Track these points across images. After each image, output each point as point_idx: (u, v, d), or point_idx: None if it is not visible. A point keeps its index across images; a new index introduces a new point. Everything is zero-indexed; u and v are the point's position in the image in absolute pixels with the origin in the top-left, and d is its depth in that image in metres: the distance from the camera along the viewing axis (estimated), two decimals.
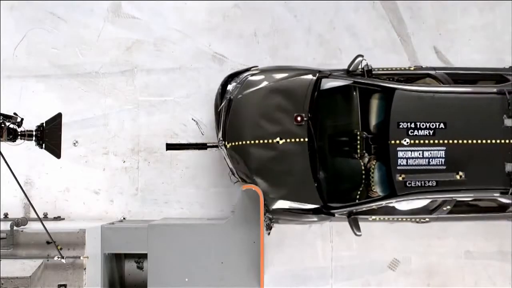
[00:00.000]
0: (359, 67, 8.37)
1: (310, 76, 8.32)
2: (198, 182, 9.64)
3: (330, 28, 9.73)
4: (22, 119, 7.95)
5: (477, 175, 8.02)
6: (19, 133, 7.86)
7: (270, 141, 8.20)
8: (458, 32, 9.64)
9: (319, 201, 8.19)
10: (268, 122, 8.25)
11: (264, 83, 8.41)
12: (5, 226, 8.37)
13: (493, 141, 8.04)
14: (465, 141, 8.04)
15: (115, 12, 9.84)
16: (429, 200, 8.18)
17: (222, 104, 8.53)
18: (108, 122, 9.75)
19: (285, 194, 8.25)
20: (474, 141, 8.04)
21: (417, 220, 8.48)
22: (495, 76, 8.49)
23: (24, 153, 9.24)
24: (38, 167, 9.68)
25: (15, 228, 8.37)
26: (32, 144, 7.87)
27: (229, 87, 8.57)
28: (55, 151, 8.31)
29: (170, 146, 9.59)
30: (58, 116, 8.43)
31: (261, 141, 8.22)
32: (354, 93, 8.38)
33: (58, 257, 7.80)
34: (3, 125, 7.70)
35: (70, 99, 9.74)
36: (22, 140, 7.90)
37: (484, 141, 8.04)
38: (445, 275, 9.50)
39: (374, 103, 8.40)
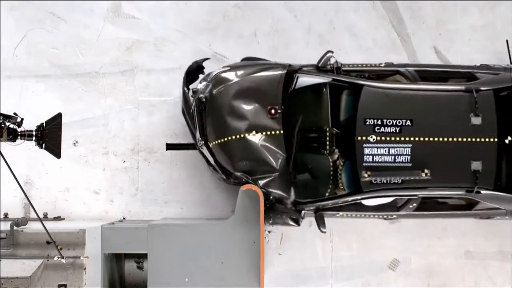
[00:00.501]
0: (329, 63, 8.36)
1: (280, 70, 8.34)
2: (198, 182, 9.63)
3: (330, 28, 9.73)
4: (22, 119, 7.95)
5: (443, 173, 8.00)
6: (19, 133, 7.86)
7: (246, 135, 8.20)
8: (458, 32, 9.65)
9: (291, 197, 8.25)
10: (243, 117, 8.25)
11: (235, 79, 8.41)
12: (5, 226, 8.37)
13: (460, 139, 8.02)
14: (431, 139, 8.02)
15: (115, 12, 9.84)
16: (394, 197, 8.16)
17: (193, 104, 8.50)
18: (108, 122, 9.75)
19: (267, 184, 8.25)
20: (441, 139, 8.01)
21: (385, 217, 8.46)
22: (467, 74, 8.46)
23: (24, 153, 9.24)
24: (38, 167, 9.68)
25: (15, 228, 8.37)
26: (32, 144, 7.87)
27: (199, 86, 8.54)
28: (55, 151, 8.31)
29: (170, 146, 9.59)
30: (58, 116, 8.42)
31: (238, 136, 8.22)
32: (324, 89, 8.35)
33: (58, 257, 7.80)
34: (3, 125, 7.70)
35: (70, 99, 9.75)
36: (22, 140, 7.89)
37: (450, 139, 8.02)
38: (445, 275, 9.50)
39: (343, 100, 8.37)
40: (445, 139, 8.02)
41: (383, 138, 8.01)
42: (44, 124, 8.26)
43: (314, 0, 9.77)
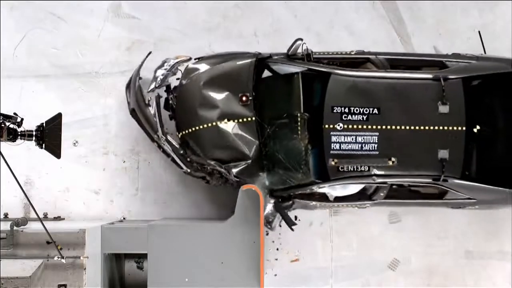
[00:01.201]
0: (299, 51, 8.33)
1: (250, 58, 8.35)
2: (198, 182, 9.63)
3: (330, 28, 9.73)
4: (22, 119, 7.95)
5: (410, 161, 8.00)
6: (19, 133, 7.86)
7: (218, 123, 8.21)
8: (458, 32, 9.64)
9: (265, 184, 8.28)
10: (214, 105, 8.25)
11: (206, 68, 8.43)
12: (5, 226, 8.37)
13: (427, 127, 8.01)
14: (398, 127, 8.01)
15: (115, 12, 9.85)
16: (362, 185, 8.16)
17: (151, 99, 8.50)
18: (108, 122, 9.75)
19: (240, 173, 8.27)
20: (408, 127, 8.01)
21: (357, 206, 8.46)
22: (437, 63, 8.42)
23: (24, 153, 9.24)
24: (38, 167, 9.68)
25: (15, 228, 8.37)
26: (32, 144, 7.87)
27: (158, 74, 8.56)
28: (55, 151, 8.31)
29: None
30: (58, 116, 8.42)
31: (210, 125, 8.22)
32: (296, 75, 8.31)
33: (58, 257, 7.79)
34: (3, 125, 7.70)
35: (70, 99, 9.75)
36: (22, 140, 7.90)
37: (417, 127, 8.01)
38: (445, 275, 9.50)
39: (313, 87, 8.35)
40: (412, 127, 8.01)
41: (350, 126, 8.00)
42: (44, 124, 8.27)
43: (314, 0, 9.77)
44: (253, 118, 8.16)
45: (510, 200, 8.25)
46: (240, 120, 8.20)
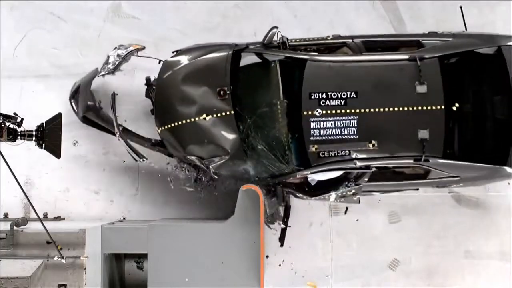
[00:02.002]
0: (274, 39, 8.30)
1: (226, 50, 8.32)
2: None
3: (330, 28, 9.73)
4: (22, 119, 7.96)
5: (390, 143, 7.98)
6: (19, 133, 7.87)
7: (197, 119, 8.19)
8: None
9: (251, 174, 8.26)
10: (192, 101, 8.24)
11: (183, 63, 8.41)
12: (5, 226, 8.37)
13: (405, 108, 7.96)
14: (377, 110, 7.98)
15: (115, 12, 9.85)
16: (343, 171, 8.11)
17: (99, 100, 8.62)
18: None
19: (220, 168, 8.26)
20: (386, 109, 7.97)
21: (344, 193, 8.41)
22: (414, 42, 8.36)
23: (24, 153, 9.24)
24: (38, 167, 9.68)
25: (15, 228, 8.37)
26: (32, 144, 7.88)
27: (110, 59, 8.69)
28: (55, 151, 8.31)
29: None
30: (58, 116, 8.43)
31: (188, 120, 8.21)
32: (273, 64, 8.30)
33: (58, 257, 7.80)
34: (3, 125, 7.71)
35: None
36: (22, 140, 7.90)
37: (396, 109, 7.97)
38: (445, 275, 9.50)
39: (291, 74, 8.32)
40: (391, 109, 7.97)
41: (328, 112, 7.98)
42: (44, 124, 8.27)
43: (314, 0, 9.77)
44: (232, 112, 8.12)
45: (493, 176, 8.23)
46: (219, 115, 8.16)
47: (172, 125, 8.29)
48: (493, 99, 8.16)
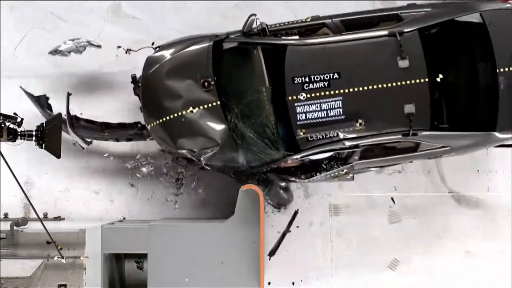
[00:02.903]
0: (254, 26, 8.29)
1: (207, 42, 8.32)
2: (198, 182, 9.64)
3: None
4: (22, 119, 7.96)
5: (377, 120, 7.96)
6: (19, 133, 7.87)
7: (184, 112, 8.20)
8: None
9: (243, 163, 8.26)
10: (178, 95, 8.24)
11: (165, 58, 8.42)
12: (5, 226, 8.38)
13: (389, 84, 7.94)
14: (361, 89, 7.97)
15: (115, 12, 9.85)
16: (333, 152, 8.12)
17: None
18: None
19: (211, 159, 8.26)
20: (370, 87, 7.96)
21: (337, 173, 8.43)
22: (393, 16, 8.31)
23: (24, 153, 9.23)
24: (38, 167, 9.68)
25: (15, 228, 8.38)
26: (32, 144, 7.88)
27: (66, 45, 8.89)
28: (55, 151, 8.31)
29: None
30: (58, 116, 8.44)
31: (176, 115, 8.22)
32: (255, 51, 8.29)
33: (58, 257, 7.80)
34: (3, 125, 7.71)
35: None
36: (22, 140, 7.90)
37: (380, 86, 7.95)
38: (445, 275, 9.50)
39: (274, 61, 8.27)
40: (375, 86, 7.96)
41: (313, 95, 7.98)
42: (44, 124, 8.27)
43: (314, 0, 9.76)
44: (218, 102, 8.13)
45: (484, 142, 8.21)
46: (205, 106, 8.16)
47: (161, 120, 8.30)
48: (477, 66, 8.12)
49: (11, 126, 7.75)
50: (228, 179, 8.97)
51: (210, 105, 8.15)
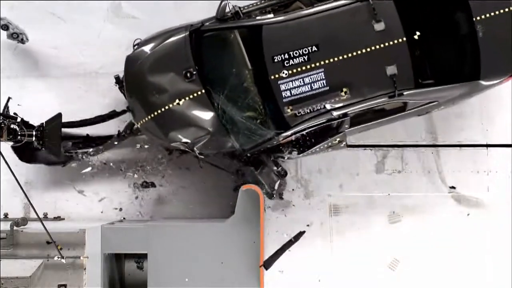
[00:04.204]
0: (227, 10, 8.31)
1: (183, 32, 8.35)
2: (198, 183, 9.64)
3: None
4: (22, 119, 7.97)
5: (361, 86, 8.01)
6: (19, 133, 7.88)
7: (171, 105, 8.22)
8: None
9: (236, 147, 8.27)
10: (162, 89, 8.27)
11: (145, 54, 8.45)
12: (5, 226, 8.37)
13: (368, 49, 7.99)
14: (340, 57, 8.00)
15: (115, 12, 9.85)
16: (322, 124, 8.14)
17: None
18: (107, 122, 9.73)
19: (204, 147, 8.28)
20: (350, 55, 7.99)
21: (330, 144, 8.46)
22: None
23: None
24: (38, 167, 9.67)
25: (15, 228, 8.38)
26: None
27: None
28: (55, 151, 8.32)
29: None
30: (58, 116, 8.44)
31: (163, 109, 8.25)
32: (233, 35, 8.32)
33: (58, 257, 7.81)
34: (3, 125, 7.72)
35: (70, 99, 9.74)
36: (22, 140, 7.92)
37: (359, 52, 7.99)
38: (445, 275, 9.49)
39: (252, 42, 8.30)
40: (354, 53, 8.00)
41: (294, 71, 8.01)
42: (44, 124, 8.28)
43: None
44: (202, 91, 8.16)
45: (470, 92, 8.27)
46: (191, 96, 8.19)
47: (149, 117, 8.33)
48: (453, 17, 8.18)
49: (11, 126, 7.76)
50: (227, 178, 9.00)
51: (195, 94, 8.18)
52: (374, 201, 9.58)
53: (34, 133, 8.07)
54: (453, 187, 9.49)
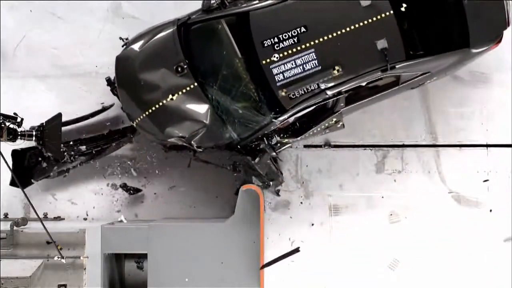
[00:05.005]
0: (213, 1, 8.32)
1: (170, 28, 8.37)
2: (198, 182, 9.64)
3: None
4: (22, 119, 7.97)
5: (353, 63, 8.05)
6: (19, 133, 7.88)
7: (164, 101, 8.23)
8: None
9: (234, 137, 8.27)
10: (155, 86, 8.28)
11: (134, 53, 8.47)
12: (5, 226, 8.39)
13: (357, 25, 8.01)
14: (330, 36, 8.03)
15: (115, 12, 9.85)
16: (318, 104, 8.15)
17: None
18: (107, 122, 9.75)
19: (201, 141, 8.28)
20: (339, 32, 8.02)
21: (328, 125, 8.47)
22: None
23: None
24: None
25: (15, 228, 8.39)
26: (31, 144, 7.89)
27: None
28: (55, 151, 8.33)
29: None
30: (58, 116, 8.45)
31: (157, 106, 8.25)
32: (220, 26, 8.32)
33: (58, 257, 7.81)
34: (3, 125, 7.72)
35: (70, 99, 9.74)
36: (22, 140, 7.92)
37: (348, 29, 8.02)
38: (445, 275, 9.49)
39: (241, 29, 8.30)
40: (343, 30, 8.03)
41: (285, 53, 8.04)
42: (44, 124, 8.28)
43: (314, 0, 9.75)
44: (195, 84, 8.18)
45: (461, 60, 8.33)
46: (184, 91, 8.20)
47: (144, 115, 8.34)
48: None
49: (11, 126, 7.76)
50: (227, 178, 9.00)
51: (188, 88, 8.20)
52: (374, 201, 9.57)
53: (34, 133, 8.07)
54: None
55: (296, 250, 9.38)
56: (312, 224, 9.57)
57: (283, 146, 8.84)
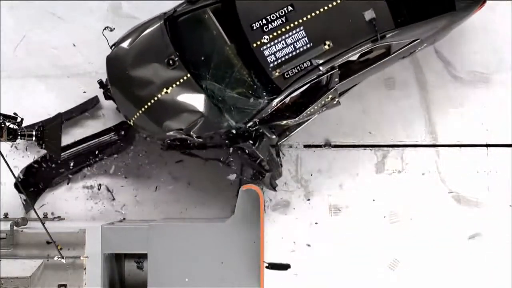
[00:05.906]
0: None
1: (158, 22, 8.41)
2: (198, 182, 9.64)
3: None
4: (22, 119, 7.97)
5: (343, 36, 8.11)
6: (19, 133, 7.88)
7: (159, 95, 8.23)
8: (458, 32, 9.62)
9: (233, 124, 8.25)
10: (148, 81, 8.28)
11: (124, 51, 8.48)
12: (5, 226, 8.38)
13: None
14: (317, 12, 8.10)
15: (115, 12, 9.85)
16: (313, 80, 8.17)
17: None
18: (107, 122, 9.74)
19: (200, 131, 8.27)
20: (326, 7, 8.10)
21: (324, 103, 8.49)
22: None
23: (24, 153, 9.24)
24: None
25: (15, 228, 8.38)
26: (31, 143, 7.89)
27: None
28: (55, 151, 8.33)
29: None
30: (58, 116, 8.46)
31: (152, 101, 8.26)
32: (207, 16, 8.35)
33: (58, 257, 7.81)
34: (3, 125, 7.72)
35: (70, 99, 9.74)
36: (22, 140, 7.91)
37: (334, 3, 8.10)
38: (445, 274, 9.50)
39: (228, 16, 8.32)
40: (330, 5, 8.10)
41: (275, 34, 8.10)
42: (44, 124, 8.28)
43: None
44: (188, 75, 8.19)
45: (449, 24, 8.46)
46: (177, 83, 8.21)
47: (140, 112, 8.33)
48: None
49: (11, 126, 7.76)
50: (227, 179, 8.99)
51: (181, 80, 8.21)
52: (374, 201, 9.58)
53: (34, 133, 8.07)
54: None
55: (288, 266, 9.43)
56: (312, 224, 9.58)
57: (283, 135, 8.86)
